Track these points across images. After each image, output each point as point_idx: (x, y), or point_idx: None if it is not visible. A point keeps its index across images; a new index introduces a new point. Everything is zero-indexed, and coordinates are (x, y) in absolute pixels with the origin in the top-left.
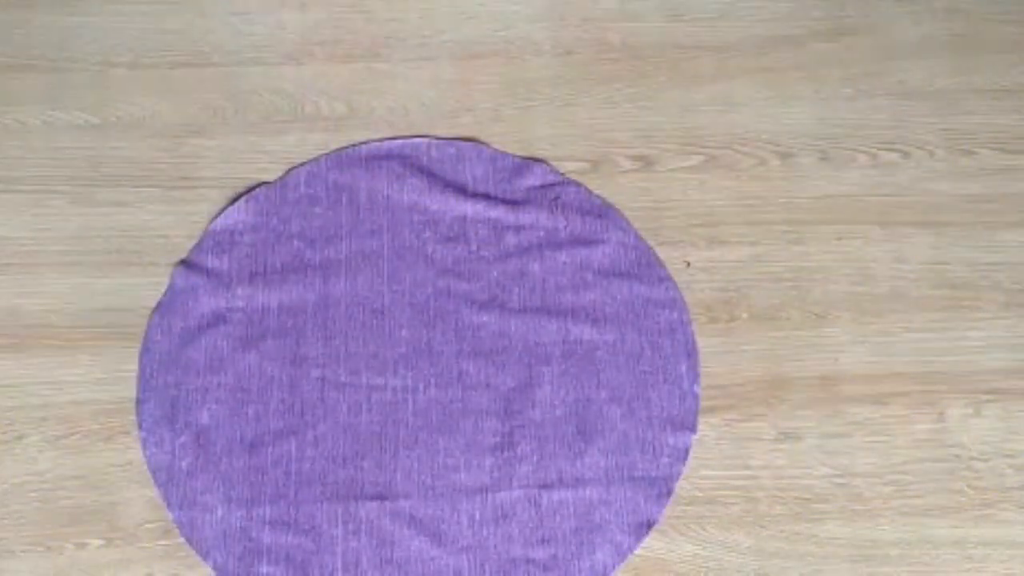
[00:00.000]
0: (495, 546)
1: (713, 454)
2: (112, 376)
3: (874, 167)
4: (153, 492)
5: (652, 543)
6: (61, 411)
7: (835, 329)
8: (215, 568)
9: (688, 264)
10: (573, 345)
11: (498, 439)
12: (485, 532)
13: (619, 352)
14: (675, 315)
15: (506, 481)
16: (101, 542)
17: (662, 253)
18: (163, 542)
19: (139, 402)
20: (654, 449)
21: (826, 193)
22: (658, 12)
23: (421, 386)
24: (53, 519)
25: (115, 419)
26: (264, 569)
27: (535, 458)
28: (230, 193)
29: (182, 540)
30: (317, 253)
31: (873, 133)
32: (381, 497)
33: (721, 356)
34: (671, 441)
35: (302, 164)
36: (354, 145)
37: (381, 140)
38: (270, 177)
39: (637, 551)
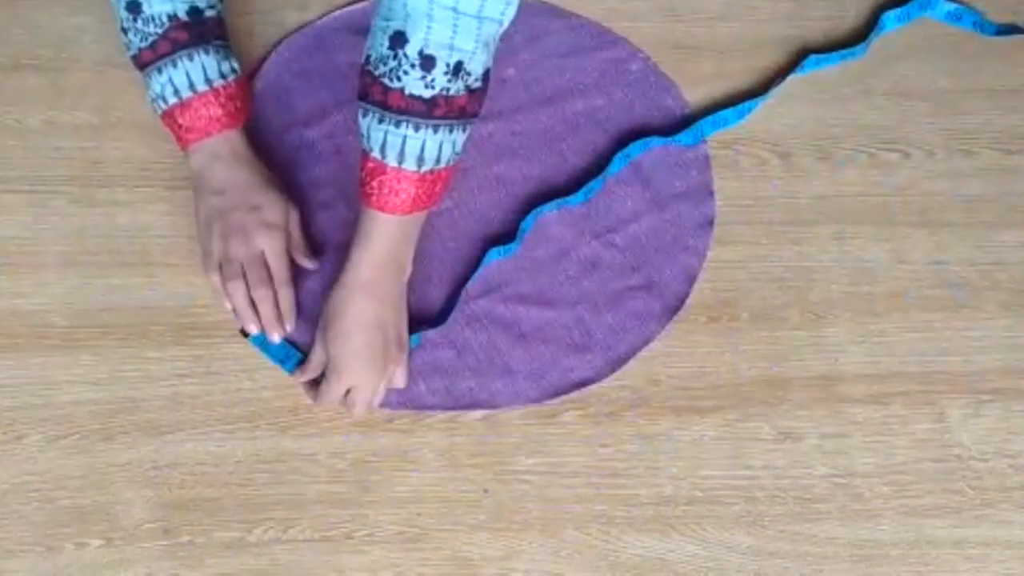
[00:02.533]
0: (597, 289)
1: (713, 454)
2: (112, 376)
3: (874, 167)
4: (153, 492)
5: (652, 543)
6: (61, 411)
7: (835, 329)
8: None
9: None
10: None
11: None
12: (585, 282)
13: (613, 107)
14: (639, 65)
15: (582, 237)
16: (101, 542)
17: None
18: (163, 542)
19: None
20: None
21: (826, 193)
22: (658, 12)
23: (469, 199)
24: (53, 519)
25: (115, 419)
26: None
27: (593, 211)
28: None
29: (182, 540)
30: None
31: (873, 133)
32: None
33: (721, 356)
34: (690, 155)
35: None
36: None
37: (322, 16)
38: None
39: (637, 552)
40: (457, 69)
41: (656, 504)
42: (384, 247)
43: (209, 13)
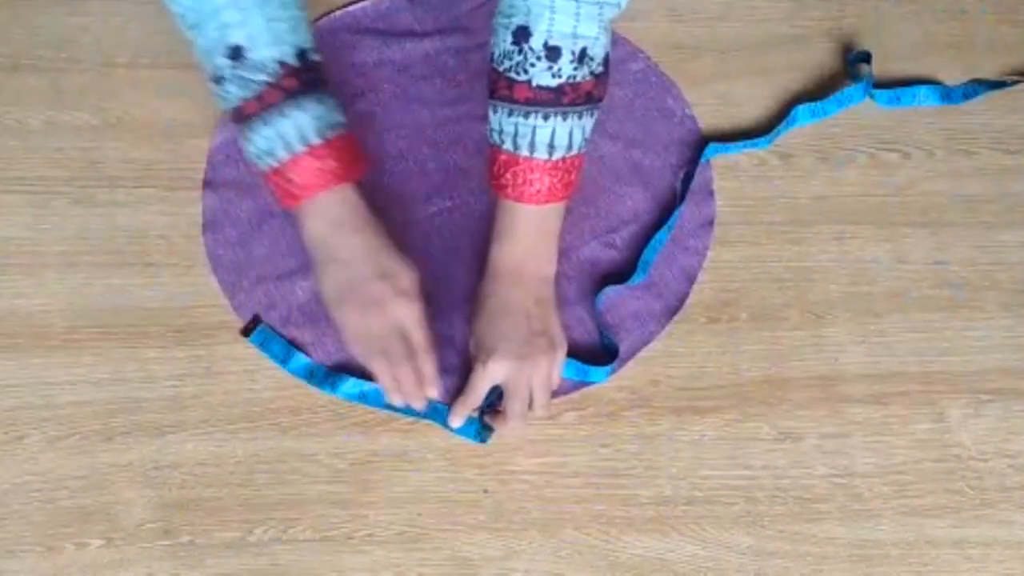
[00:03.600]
0: (597, 290)
1: (713, 454)
2: (113, 376)
3: (874, 167)
4: (154, 492)
5: (651, 543)
6: (62, 411)
7: (835, 329)
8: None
9: None
10: None
11: None
12: (585, 283)
13: (614, 107)
14: (640, 65)
15: (581, 238)
16: (101, 542)
17: None
18: (163, 542)
19: (235, 308)
20: (675, 173)
21: (826, 193)
22: (658, 12)
23: (471, 199)
24: (53, 519)
25: (116, 419)
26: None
27: (593, 211)
28: None
29: (183, 540)
30: None
31: (873, 133)
32: None
33: (721, 356)
34: (687, 154)
35: None
36: None
37: (321, 17)
38: None
39: (637, 552)
40: (582, 56)
41: (656, 504)
42: (524, 239)
43: (314, 57)
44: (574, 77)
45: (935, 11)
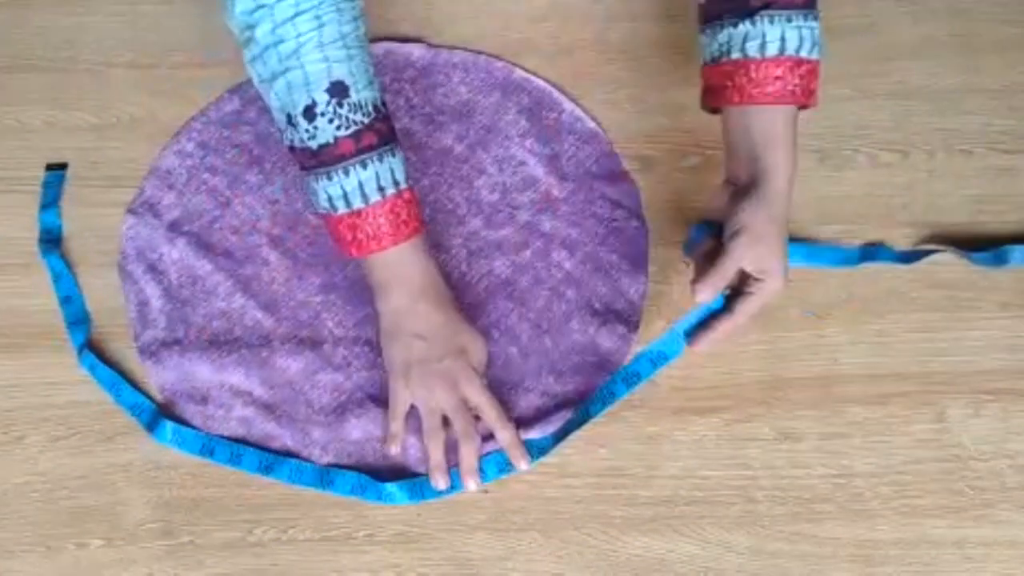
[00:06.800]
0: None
1: (713, 454)
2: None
3: (874, 167)
4: (154, 492)
5: (652, 543)
6: (61, 411)
7: (835, 329)
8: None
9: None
10: None
11: None
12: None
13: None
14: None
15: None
16: (101, 542)
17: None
18: (163, 542)
19: (128, 210)
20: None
21: (826, 193)
22: (658, 12)
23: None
24: (54, 519)
25: (116, 419)
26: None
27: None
28: None
29: (183, 540)
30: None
31: (873, 133)
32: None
33: (720, 356)
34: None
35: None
36: None
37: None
38: None
39: (637, 552)
40: None
41: (656, 504)
42: (790, 144)
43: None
44: None
45: (935, 11)
